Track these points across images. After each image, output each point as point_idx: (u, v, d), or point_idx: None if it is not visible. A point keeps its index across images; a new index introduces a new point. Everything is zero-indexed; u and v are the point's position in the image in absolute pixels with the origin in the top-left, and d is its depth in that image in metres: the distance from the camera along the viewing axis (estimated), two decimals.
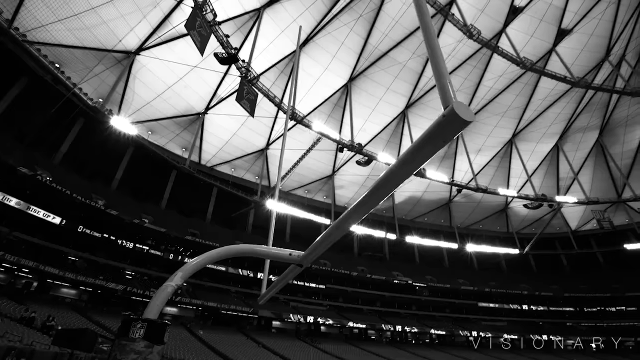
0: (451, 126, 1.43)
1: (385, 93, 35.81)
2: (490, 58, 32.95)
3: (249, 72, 24.68)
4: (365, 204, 2.16)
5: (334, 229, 2.60)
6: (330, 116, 36.09)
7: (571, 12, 31.11)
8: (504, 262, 45.16)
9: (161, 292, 3.60)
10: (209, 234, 31.45)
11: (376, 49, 32.38)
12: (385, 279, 37.34)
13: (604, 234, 41.44)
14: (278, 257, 3.69)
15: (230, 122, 32.52)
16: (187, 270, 3.69)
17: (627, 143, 38.57)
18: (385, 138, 39.25)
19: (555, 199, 36.79)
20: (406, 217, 45.68)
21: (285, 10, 28.14)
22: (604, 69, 34.19)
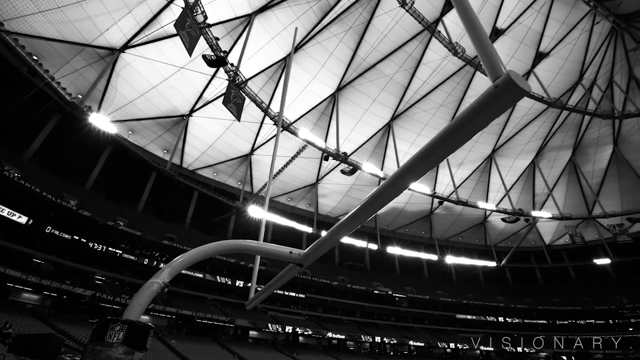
0: (505, 97, 1.31)
1: (371, 104, 36.26)
2: (473, 76, 34.08)
3: (237, 76, 24.44)
4: (394, 185, 1.95)
5: (350, 221, 2.43)
6: (316, 124, 36.13)
7: (548, 37, 32.77)
8: (482, 275, 46.04)
9: (145, 290, 3.20)
10: (187, 239, 30.49)
11: (364, 61, 32.89)
12: (365, 289, 37.21)
13: (576, 249, 43.06)
14: (277, 255, 3.44)
15: (214, 125, 32.01)
16: (175, 266, 3.37)
17: (597, 162, 40.55)
18: (370, 149, 39.61)
19: (531, 213, 38.02)
20: (388, 228, 45.96)
21: (276, 17, 28.23)
22: (578, 92, 36.02)
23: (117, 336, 2.85)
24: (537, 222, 42.86)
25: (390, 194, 2.06)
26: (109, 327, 2.90)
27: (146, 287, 3.22)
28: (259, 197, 36.53)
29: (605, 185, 41.25)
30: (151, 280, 3.21)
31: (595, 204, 40.47)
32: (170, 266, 3.34)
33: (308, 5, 28.23)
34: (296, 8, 28.04)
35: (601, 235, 40.99)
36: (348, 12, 29.44)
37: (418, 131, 38.76)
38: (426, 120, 37.94)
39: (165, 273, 3.27)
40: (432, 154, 1.70)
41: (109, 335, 2.87)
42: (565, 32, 32.24)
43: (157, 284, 3.18)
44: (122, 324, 2.91)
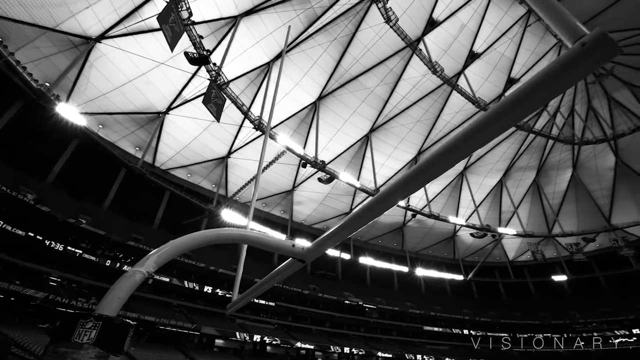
0: (594, 55, 1.22)
1: (351, 115, 36.73)
2: (450, 95, 35.41)
3: (220, 77, 24.04)
4: (436, 163, 1.79)
5: (373, 205, 2.29)
6: (296, 131, 36.09)
7: (519, 64, 34.85)
8: (449, 288, 47.21)
9: (125, 281, 2.73)
10: (155, 241, 29.08)
11: (347, 72, 33.35)
12: (336, 298, 37.04)
13: (536, 265, 45.29)
14: (277, 248, 3.18)
15: (192, 125, 31.15)
16: (162, 255, 3.00)
17: (558, 184, 43.20)
18: (348, 159, 39.99)
19: (498, 230, 39.66)
20: (361, 238, 46.28)
21: (262, 22, 28.18)
22: (543, 117, 38.35)
23: (88, 335, 2.36)
24: (502, 239, 44.75)
25: (420, 181, 1.99)
26: (79, 323, 2.40)
27: (127, 277, 2.76)
28: (233, 201, 35.74)
29: (565, 206, 43.92)
30: (134, 269, 2.79)
31: (555, 224, 42.90)
32: (157, 254, 3.00)
33: (295, 13, 28.43)
34: (283, 15, 28.14)
35: (559, 253, 43.38)
36: (334, 23, 29.91)
37: (395, 144, 39.65)
38: (403, 134, 38.92)
39: (150, 262, 2.90)
40: (503, 115, 1.54)
41: (77, 334, 2.36)
42: (534, 61, 34.42)
43: (141, 274, 2.78)
44: (95, 321, 2.42)
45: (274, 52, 30.23)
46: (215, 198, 33.57)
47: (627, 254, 37.39)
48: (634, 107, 36.17)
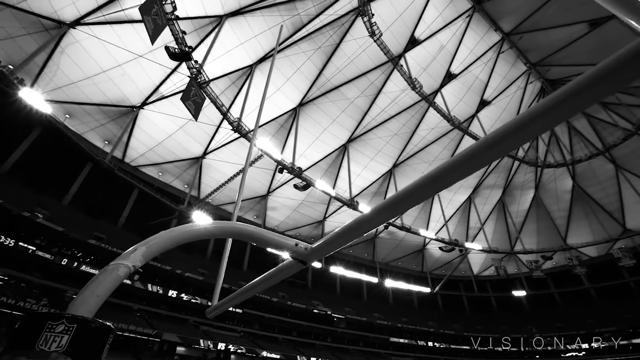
0: None
1: (330, 124, 37.04)
2: (426, 111, 36.63)
3: (200, 75, 23.53)
4: (475, 157, 1.66)
5: (383, 210, 2.18)
6: (274, 136, 35.84)
7: (491, 88, 36.77)
8: (416, 300, 48.06)
9: (106, 275, 2.31)
10: (119, 241, 27.66)
11: (329, 81, 33.71)
12: (305, 307, 36.63)
13: (498, 281, 47.19)
14: (279, 246, 2.85)
15: (167, 122, 30.15)
16: (152, 246, 2.64)
17: (521, 204, 45.56)
18: (324, 167, 40.15)
19: (465, 244, 41.03)
20: None
21: (247, 24, 28.02)
22: None
23: (57, 341, 1.90)
24: (469, 253, 46.35)
25: (433, 189, 1.94)
26: (46, 326, 1.92)
27: (108, 271, 2.32)
28: (205, 203, 34.75)
29: (526, 225, 46.31)
30: (117, 262, 2.36)
31: (517, 241, 45.04)
32: (147, 245, 2.63)
33: (281, 19, 28.50)
34: (269, 19, 28.17)
35: (520, 270, 45.50)
36: (319, 32, 30.27)
37: (372, 156, 40.32)
38: (380, 146, 39.70)
39: (138, 254, 2.49)
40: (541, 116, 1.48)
41: (43, 340, 1.89)
42: (505, 85, 36.46)
43: (125, 268, 2.34)
44: (68, 323, 1.95)
45: (258, 55, 30.09)
46: (187, 199, 32.48)
47: (580, 272, 39.81)
48: (590, 135, 39.10)
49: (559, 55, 32.89)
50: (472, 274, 50.04)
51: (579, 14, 29.02)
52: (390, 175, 41.96)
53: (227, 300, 4.40)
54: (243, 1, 26.15)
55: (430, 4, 30.25)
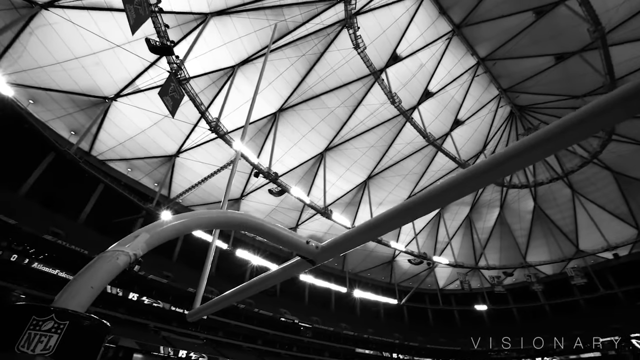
0: None
1: (309, 131, 37.15)
2: (403, 126, 37.62)
3: (181, 71, 22.96)
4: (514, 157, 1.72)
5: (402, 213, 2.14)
6: (252, 139, 35.45)
7: (465, 108, 38.45)
8: (383, 311, 48.52)
9: (103, 263, 1.97)
10: (78, 237, 25.99)
11: (310, 89, 33.93)
12: (272, 315, 35.94)
13: (462, 295, 48.72)
14: (290, 243, 2.63)
15: (141, 117, 29.02)
16: (159, 233, 2.28)
17: (487, 221, 47.57)
18: (300, 174, 40.08)
19: (433, 258, 42.10)
20: None
21: (233, 25, 27.76)
22: (480, 159, 42.39)
23: (43, 342, 1.52)
24: (436, 267, 47.56)
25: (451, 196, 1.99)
26: (30, 322, 1.53)
27: (105, 258, 1.98)
28: (175, 203, 33.59)
29: (491, 242, 48.33)
30: (116, 249, 2.05)
31: (481, 257, 46.84)
32: (150, 231, 2.27)
33: (267, 23, 28.54)
34: (255, 22, 28.09)
35: (482, 285, 47.27)
36: (304, 40, 30.52)
37: (348, 166, 40.75)
38: (357, 157, 40.23)
39: (140, 241, 2.16)
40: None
41: (26, 340, 1.50)
42: (478, 107, 38.28)
43: (125, 257, 2.04)
44: (58, 320, 1.57)
45: (241, 57, 29.82)
46: (156, 198, 31.21)
47: (537, 289, 41.89)
48: (552, 160, 41.70)
49: (528, 84, 35.07)
50: (438, 287, 51.35)
51: (547, 48, 31.18)
52: (365, 186, 42.52)
53: (214, 304, 4.12)
54: (230, 1, 25.92)
55: (413, 24, 31.41)
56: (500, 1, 28.98)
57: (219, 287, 34.32)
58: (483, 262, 45.67)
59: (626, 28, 27.23)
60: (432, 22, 31.79)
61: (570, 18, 26.79)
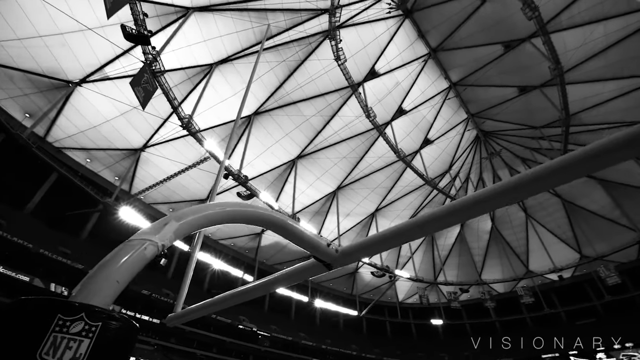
0: None
1: (283, 137, 37.00)
2: (376, 140, 38.48)
3: (156, 62, 22.12)
4: None
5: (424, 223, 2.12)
6: (223, 140, 34.66)
7: (435, 129, 40.12)
8: (342, 322, 48.60)
9: (129, 253, 1.70)
10: (24, 230, 23.87)
11: (288, 95, 33.94)
12: (230, 322, 34.82)
13: (419, 309, 49.98)
14: (311, 245, 2.46)
15: (107, 106, 27.47)
16: (191, 222, 1.97)
17: (448, 238, 49.48)
18: (270, 179, 39.66)
19: (395, 271, 42.96)
20: (267, 262, 45.29)
21: (215, 23, 27.28)
22: (446, 179, 44.27)
23: (73, 347, 1.22)
24: (397, 280, 48.58)
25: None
26: (55, 323, 1.24)
27: (132, 247, 1.75)
28: (136, 200, 31.94)
29: (450, 258, 50.25)
30: (142, 237, 1.82)
31: (440, 272, 48.48)
32: (180, 219, 1.98)
33: (250, 24, 28.38)
34: (238, 22, 27.81)
35: (440, 299, 48.84)
36: (286, 46, 30.63)
37: (318, 175, 40.89)
38: (328, 167, 40.51)
39: (169, 230, 1.91)
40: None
41: (51, 344, 1.20)
42: (447, 129, 40.09)
43: (153, 247, 1.81)
44: (89, 320, 1.30)
45: (220, 55, 29.30)
46: (116, 192, 29.46)
47: (490, 306, 43.93)
48: None
49: (494, 111, 37.31)
50: (398, 301, 52.36)
51: (512, 79, 33.47)
52: (334, 196, 42.81)
53: (201, 308, 3.84)
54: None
55: (392, 43, 32.53)
56: (474, 32, 30.81)
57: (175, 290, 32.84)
58: (442, 277, 47.28)
59: (581, 70, 29.87)
60: (411, 43, 33.11)
61: (535, 55, 28.98)
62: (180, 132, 29.39)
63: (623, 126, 31.83)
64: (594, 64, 29.33)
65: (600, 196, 40.03)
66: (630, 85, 29.51)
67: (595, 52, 28.57)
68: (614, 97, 30.80)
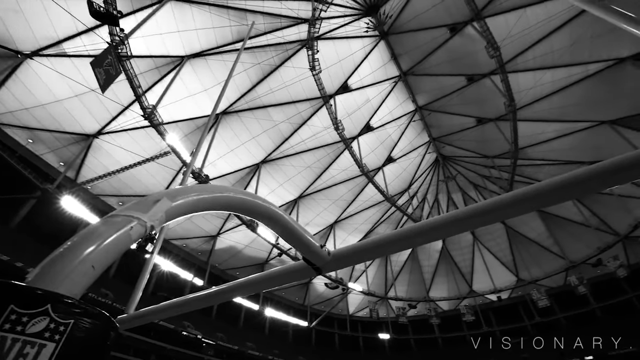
0: None
1: (249, 140, 36.37)
2: (341, 153, 39.15)
3: (124, 46, 20.88)
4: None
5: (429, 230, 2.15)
6: (187, 136, 33.31)
7: (399, 148, 41.78)
8: (292, 332, 47.82)
9: (110, 232, 1.39)
10: None
11: (259, 98, 33.58)
12: (174, 327, 32.80)
13: (369, 322, 50.74)
14: (305, 245, 2.20)
15: (60, 84, 25.20)
16: (183, 204, 1.67)
17: (401, 255, 51.08)
18: (232, 181, 38.61)
19: (348, 284, 43.39)
20: (220, 266, 43.64)
21: (192, 15, 26.48)
22: (404, 197, 46.01)
23: (32, 352, 0.85)
24: (350, 293, 49.04)
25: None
26: (6, 317, 0.87)
27: (113, 225, 1.42)
28: (82, 189, 29.45)
29: (402, 274, 51.86)
30: (127, 214, 1.50)
31: (391, 287, 49.80)
32: (174, 198, 1.69)
33: (229, 22, 27.94)
34: (216, 18, 27.25)
35: (388, 314, 49.99)
36: (262, 49, 30.48)
37: (281, 182, 40.57)
38: (292, 174, 40.37)
39: (160, 209, 1.61)
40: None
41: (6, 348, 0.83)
42: (409, 149, 41.92)
43: (140, 227, 1.49)
44: (57, 315, 0.94)
45: (193, 49, 28.39)
46: (59, 179, 26.89)
47: (434, 322, 45.80)
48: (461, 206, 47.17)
49: (453, 137, 39.76)
50: (348, 313, 52.76)
51: (472, 110, 36.00)
52: (295, 204, 42.62)
53: (157, 311, 3.50)
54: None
55: (366, 61, 33.67)
56: (442, 61, 32.87)
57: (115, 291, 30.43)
58: (392, 292, 48.56)
59: (530, 109, 32.94)
60: (384, 63, 34.50)
61: (493, 90, 31.50)
62: (141, 123, 27.74)
63: (560, 164, 35.46)
64: (541, 106, 32.48)
65: (537, 225, 43.87)
66: (569, 128, 33.02)
67: (543, 95, 31.69)
68: (555, 138, 34.24)
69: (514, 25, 27.68)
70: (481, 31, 26.78)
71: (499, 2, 26.91)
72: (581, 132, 32.41)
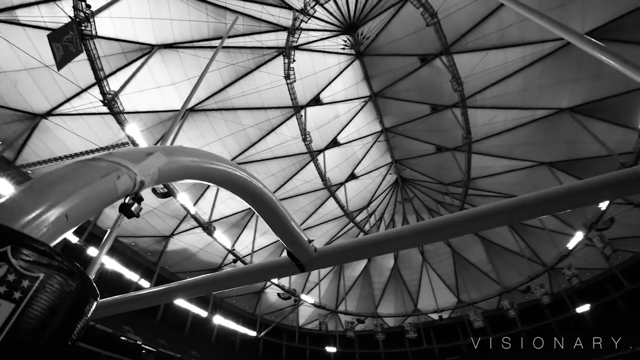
0: None
1: (215, 141, 35.42)
2: (307, 165, 39.38)
3: (89, 24, 19.64)
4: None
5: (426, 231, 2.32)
6: (149, 129, 31.69)
7: (362, 166, 42.94)
8: (239, 342, 46.21)
9: (91, 177, 1.17)
10: None
11: (229, 100, 33.03)
12: (112, 332, 30.22)
13: (317, 335, 50.56)
14: (290, 236, 2.17)
15: (9, 53, 22.88)
16: (180, 166, 1.36)
17: (354, 270, 52.00)
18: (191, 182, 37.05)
19: (300, 296, 43.14)
20: (170, 269, 41.37)
21: (167, 3, 25.65)
22: (363, 214, 47.18)
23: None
24: (301, 304, 48.69)
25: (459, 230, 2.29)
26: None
27: (96, 170, 1.15)
28: (21, 172, 26.72)
29: (353, 289, 52.62)
30: (113, 160, 1.26)
31: (342, 301, 50.28)
32: (171, 156, 1.42)
33: (206, 17, 27.45)
34: (193, 12, 26.64)
35: (337, 328, 50.27)
36: (239, 51, 30.20)
37: None
38: None
39: (152, 163, 1.37)
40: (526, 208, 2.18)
41: None
42: (372, 168, 43.29)
43: (129, 179, 1.26)
44: (20, 261, 0.78)
45: (166, 39, 27.40)
46: None
47: (380, 338, 46.83)
48: None
49: (414, 162, 41.80)
50: (298, 325, 52.24)
51: (433, 138, 38.22)
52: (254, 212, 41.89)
53: (103, 306, 3.33)
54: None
55: (340, 78, 34.60)
56: (410, 88, 34.73)
57: None
58: (343, 307, 49.02)
59: (484, 144, 35.65)
60: (356, 82, 35.67)
61: (453, 122, 33.77)
62: (99, 109, 25.99)
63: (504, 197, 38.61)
64: (493, 142, 35.34)
65: (479, 251, 47.12)
66: (514, 165, 36.20)
67: (495, 133, 34.53)
68: (502, 172, 37.32)
69: (476, 65, 30.13)
70: (448, 65, 28.84)
71: (466, 42, 29.23)
72: (524, 169, 35.67)
